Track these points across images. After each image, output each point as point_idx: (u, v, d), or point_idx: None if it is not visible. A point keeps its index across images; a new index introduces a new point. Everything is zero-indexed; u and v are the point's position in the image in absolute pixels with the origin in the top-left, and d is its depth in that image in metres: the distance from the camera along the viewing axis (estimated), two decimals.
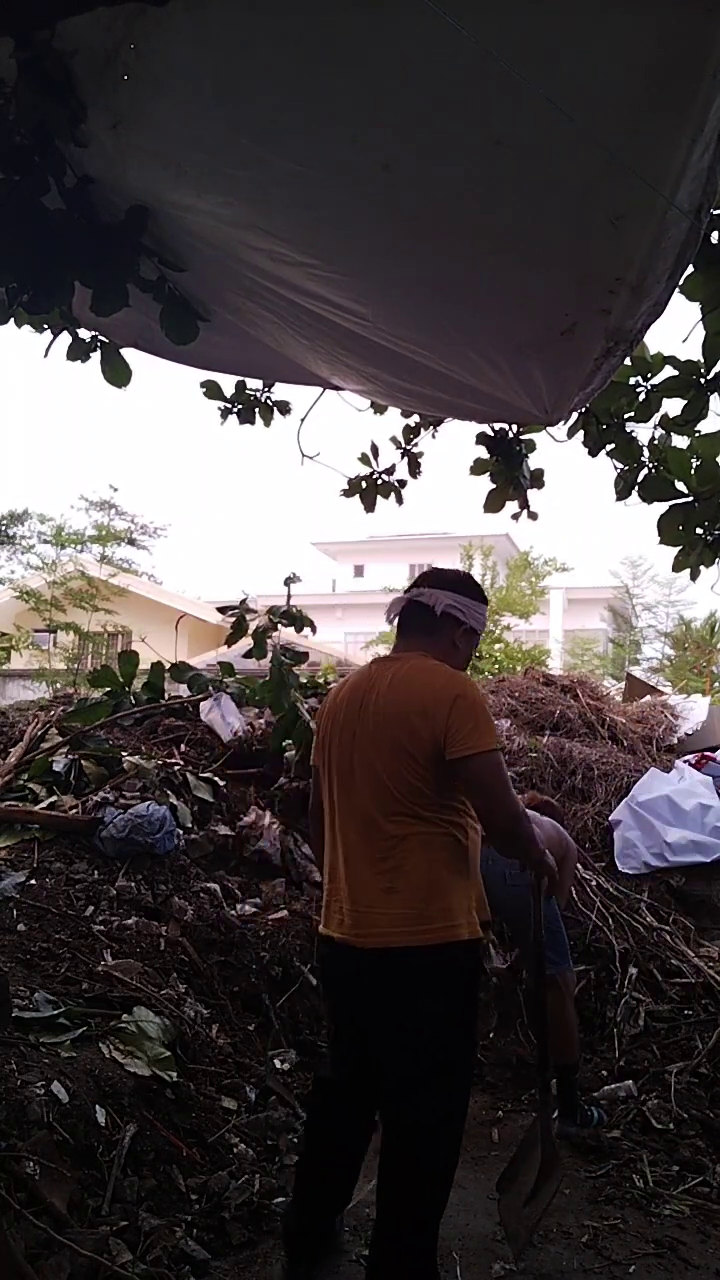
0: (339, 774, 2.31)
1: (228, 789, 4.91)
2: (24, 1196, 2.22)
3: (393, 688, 2.25)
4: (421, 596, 2.37)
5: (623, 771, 5.37)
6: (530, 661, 14.57)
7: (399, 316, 2.24)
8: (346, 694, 2.37)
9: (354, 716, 2.30)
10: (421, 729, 2.15)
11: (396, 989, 2.16)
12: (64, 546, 11.88)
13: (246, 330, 2.69)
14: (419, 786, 2.17)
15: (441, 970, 2.16)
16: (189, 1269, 2.40)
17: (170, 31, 1.61)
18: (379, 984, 2.19)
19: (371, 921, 2.18)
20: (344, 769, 2.29)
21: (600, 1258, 2.67)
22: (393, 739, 2.19)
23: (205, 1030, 3.39)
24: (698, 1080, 3.64)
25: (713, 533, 3.25)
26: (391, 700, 2.23)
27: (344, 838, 2.28)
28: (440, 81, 1.54)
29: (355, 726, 2.28)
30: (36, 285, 2.08)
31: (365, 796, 2.23)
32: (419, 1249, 2.18)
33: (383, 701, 2.25)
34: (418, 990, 2.15)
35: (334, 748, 2.33)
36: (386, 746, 2.20)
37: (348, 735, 2.29)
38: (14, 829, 4.10)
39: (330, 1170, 2.44)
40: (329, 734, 2.37)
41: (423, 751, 2.16)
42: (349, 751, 2.28)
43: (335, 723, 2.36)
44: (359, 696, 2.31)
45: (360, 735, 2.26)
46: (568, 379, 2.27)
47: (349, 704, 2.33)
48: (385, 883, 2.17)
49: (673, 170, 1.56)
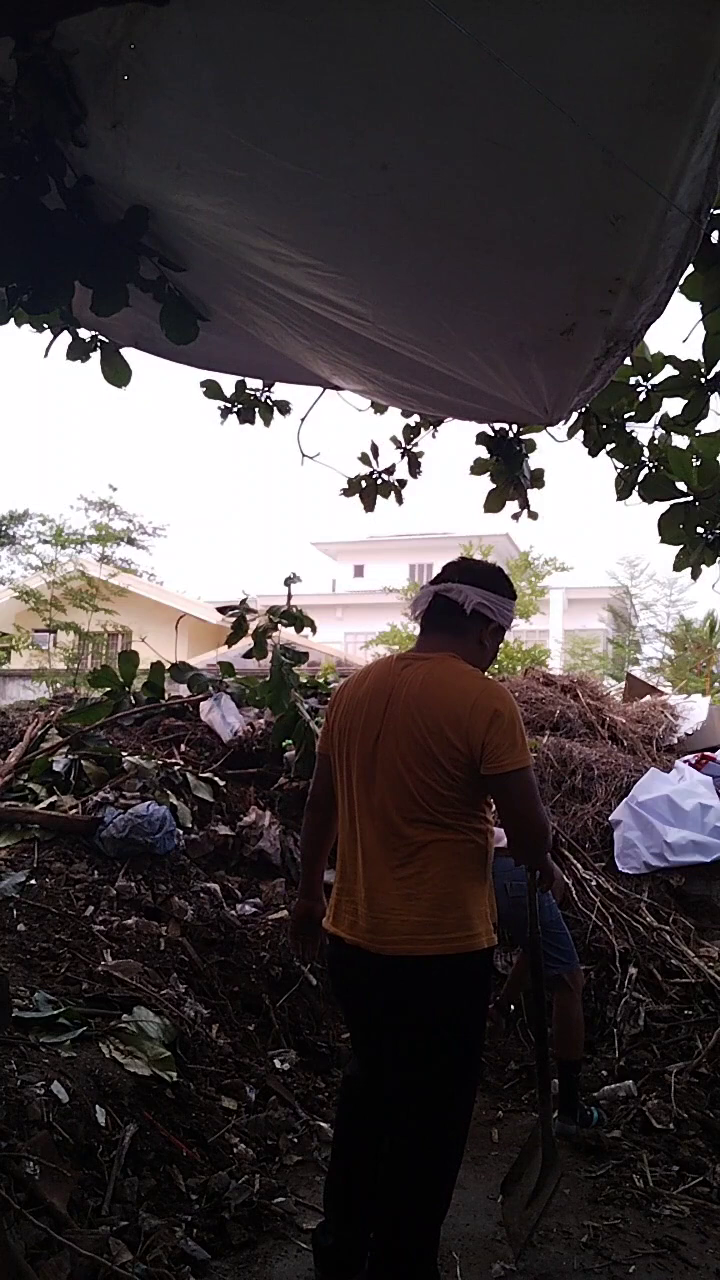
0: (359, 770, 2.24)
1: (228, 789, 4.91)
2: (24, 1196, 2.22)
3: (424, 690, 2.18)
4: (450, 592, 2.28)
5: (623, 771, 5.37)
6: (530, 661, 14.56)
7: (399, 316, 2.24)
8: (370, 688, 2.28)
9: (378, 713, 2.22)
10: (455, 740, 2.11)
11: (412, 996, 2.14)
12: (64, 547, 11.86)
13: (246, 330, 2.69)
14: (446, 795, 2.13)
15: (458, 979, 2.15)
16: (189, 1269, 2.40)
17: (170, 31, 1.61)
18: (394, 990, 2.16)
19: (390, 928, 2.13)
20: (365, 766, 2.22)
21: (600, 1258, 2.67)
22: (421, 745, 2.13)
23: (205, 1030, 3.39)
24: (698, 1080, 3.64)
25: (713, 532, 3.25)
26: (422, 704, 2.16)
27: (362, 836, 2.22)
28: (440, 82, 1.54)
29: (380, 724, 2.21)
30: (36, 285, 2.08)
31: (385, 797, 2.18)
32: (420, 1251, 2.17)
33: (412, 704, 2.17)
34: (433, 998, 2.13)
35: (354, 742, 2.26)
36: (414, 751, 2.14)
37: (371, 732, 2.22)
38: (14, 829, 4.10)
39: (364, 1176, 2.32)
40: (348, 727, 2.29)
41: (454, 762, 2.11)
42: (371, 749, 2.21)
43: (356, 716, 2.27)
44: (384, 693, 2.23)
45: (386, 735, 2.19)
46: (568, 379, 2.27)
47: (373, 699, 2.25)
48: (405, 889, 2.13)
49: (672, 170, 1.56)
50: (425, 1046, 2.15)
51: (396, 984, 2.15)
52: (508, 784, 2.11)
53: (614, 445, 3.48)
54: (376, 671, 2.34)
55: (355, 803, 2.25)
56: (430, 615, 2.33)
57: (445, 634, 2.29)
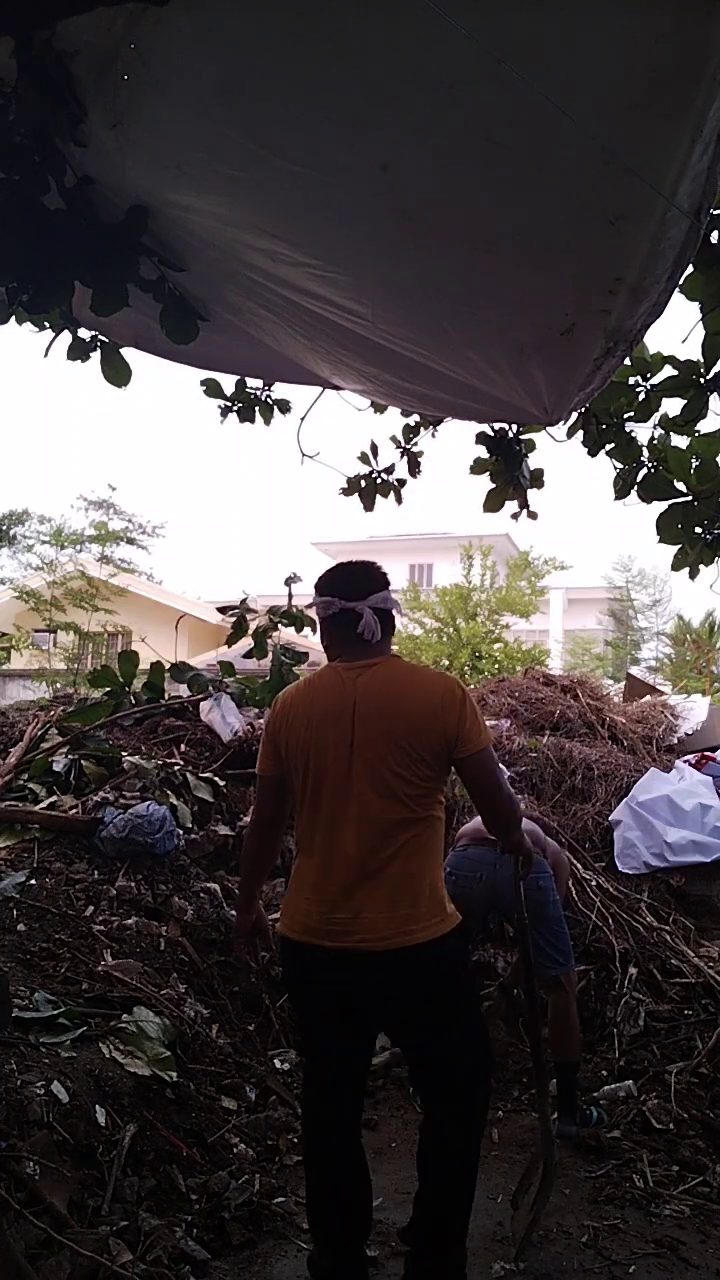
0: (333, 782, 2.26)
1: (228, 789, 4.91)
2: (24, 1196, 2.22)
3: (390, 692, 2.26)
4: (385, 603, 2.39)
5: (623, 771, 5.37)
6: (530, 661, 14.57)
7: (398, 316, 2.24)
8: (324, 704, 2.32)
9: (346, 724, 2.25)
10: (431, 732, 2.22)
11: (410, 987, 2.22)
12: (64, 547, 11.86)
13: (246, 330, 2.69)
14: (425, 787, 2.24)
15: (448, 959, 2.26)
16: (189, 1269, 2.40)
17: (170, 31, 1.61)
18: (396, 986, 2.22)
19: (376, 927, 2.18)
20: (340, 779, 2.25)
21: (600, 1258, 2.67)
22: (402, 744, 2.21)
23: (205, 1030, 3.40)
24: (698, 1080, 3.64)
25: (712, 531, 3.25)
26: (393, 705, 2.24)
27: (342, 845, 2.24)
28: (440, 82, 1.54)
29: (351, 734, 2.25)
30: (36, 285, 2.08)
31: (369, 803, 2.22)
32: (466, 1227, 2.31)
33: (383, 707, 2.24)
34: (428, 982, 2.23)
35: (324, 757, 2.27)
36: (394, 752, 2.21)
37: (343, 743, 2.25)
38: (14, 829, 4.10)
39: (351, 1193, 2.35)
40: (308, 745, 2.30)
41: (432, 753, 2.23)
42: (346, 759, 2.24)
43: (316, 732, 2.29)
44: (345, 704, 2.27)
45: (361, 743, 2.23)
46: (567, 379, 2.27)
47: (333, 713, 2.28)
48: (390, 885, 2.20)
49: (672, 170, 1.56)
50: (440, 1021, 2.27)
51: (397, 978, 2.21)
52: (481, 762, 2.28)
53: (613, 445, 3.48)
54: (322, 687, 2.37)
55: (330, 814, 2.27)
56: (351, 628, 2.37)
57: (380, 641, 2.38)
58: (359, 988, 2.25)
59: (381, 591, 2.41)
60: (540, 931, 3.27)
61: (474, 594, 17.74)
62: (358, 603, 2.36)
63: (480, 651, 16.47)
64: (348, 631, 2.37)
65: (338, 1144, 2.34)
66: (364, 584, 2.41)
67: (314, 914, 2.26)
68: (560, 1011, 3.36)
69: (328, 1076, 2.35)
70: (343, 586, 2.41)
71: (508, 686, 6.48)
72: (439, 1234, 2.28)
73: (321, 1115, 2.36)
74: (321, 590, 2.44)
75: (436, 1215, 2.28)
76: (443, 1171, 2.29)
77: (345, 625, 2.37)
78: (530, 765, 5.33)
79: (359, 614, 2.35)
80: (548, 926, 3.30)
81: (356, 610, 2.35)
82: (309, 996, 2.37)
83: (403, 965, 2.19)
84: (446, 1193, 2.28)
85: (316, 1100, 2.38)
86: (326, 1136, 2.35)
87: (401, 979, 2.21)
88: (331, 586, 2.42)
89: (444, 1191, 2.29)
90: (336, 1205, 2.33)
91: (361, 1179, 2.36)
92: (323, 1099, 2.36)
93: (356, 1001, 2.28)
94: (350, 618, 2.36)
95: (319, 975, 2.30)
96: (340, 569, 2.50)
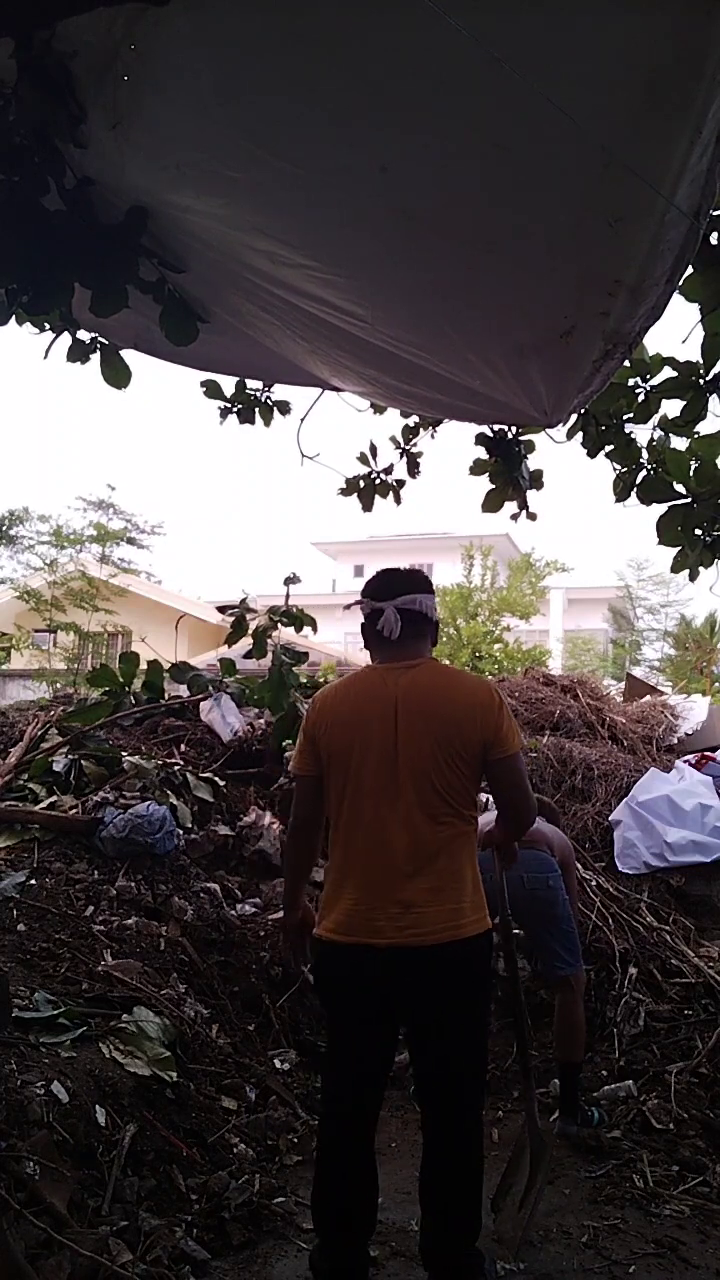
0: (378, 781, 2.30)
1: (228, 789, 4.91)
2: (24, 1196, 2.22)
3: (432, 694, 2.33)
4: (414, 604, 2.43)
5: (623, 771, 5.37)
6: (530, 662, 14.57)
7: (398, 318, 2.24)
8: (363, 704, 2.37)
9: (388, 725, 2.30)
10: (471, 733, 2.29)
11: (452, 983, 2.28)
12: (64, 547, 11.86)
13: (246, 331, 2.69)
14: (464, 787, 2.32)
15: (482, 957, 2.34)
16: (189, 1269, 2.40)
17: (170, 31, 1.61)
18: (439, 981, 2.27)
19: (428, 921, 2.24)
20: (384, 777, 2.29)
21: (600, 1258, 2.67)
22: (444, 744, 2.28)
23: (205, 1030, 3.40)
24: (698, 1080, 3.63)
25: (711, 533, 3.25)
26: (436, 706, 2.31)
27: (385, 845, 2.28)
28: (440, 83, 1.54)
29: (393, 734, 2.29)
30: (36, 286, 2.08)
31: (412, 802, 2.27)
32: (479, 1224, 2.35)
33: (426, 708, 2.30)
34: (468, 980, 2.31)
35: (366, 757, 2.31)
36: (438, 752, 2.27)
37: (385, 744, 2.29)
38: (14, 829, 4.10)
39: (362, 1193, 2.36)
40: (349, 744, 2.34)
41: (471, 754, 2.30)
42: (389, 760, 2.29)
43: (358, 732, 2.34)
44: (387, 705, 2.32)
45: (405, 743, 2.28)
46: (567, 381, 2.27)
47: (372, 713, 2.33)
48: (433, 882, 2.26)
49: (671, 172, 1.56)
50: (468, 1026, 2.33)
51: (437, 973, 2.26)
52: (513, 765, 2.35)
53: (613, 447, 3.48)
54: (361, 687, 2.43)
55: (375, 813, 2.30)
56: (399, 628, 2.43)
57: (418, 642, 2.44)
58: (401, 984, 2.28)
59: (412, 594, 2.45)
60: (551, 933, 3.27)
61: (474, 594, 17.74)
62: (384, 603, 2.43)
63: (480, 651, 16.47)
64: (380, 633, 2.43)
65: (355, 1141, 2.36)
66: (395, 586, 2.47)
67: (360, 913, 2.28)
68: (566, 1011, 3.36)
69: (356, 1072, 2.38)
70: (376, 589, 2.49)
71: (508, 686, 6.49)
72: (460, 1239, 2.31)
73: (343, 1111, 2.38)
74: (362, 594, 2.51)
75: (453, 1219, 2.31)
76: (459, 1173, 2.31)
77: (379, 626, 2.43)
78: (530, 765, 5.34)
79: (383, 613, 2.41)
80: (558, 927, 3.30)
81: (383, 610, 2.42)
82: (348, 997, 2.37)
83: (449, 960, 2.25)
84: (463, 1195, 2.31)
85: (340, 1096, 2.40)
86: (345, 1133, 2.36)
87: (445, 973, 2.27)
88: (369, 590, 2.50)
89: (460, 1194, 2.31)
90: (345, 1202, 2.35)
91: (371, 1179, 2.38)
92: (347, 1096, 2.38)
93: (395, 999, 2.31)
94: (381, 619, 2.42)
95: (363, 974, 2.31)
96: (380, 574, 2.56)
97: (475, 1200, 2.34)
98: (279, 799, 4.99)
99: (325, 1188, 2.35)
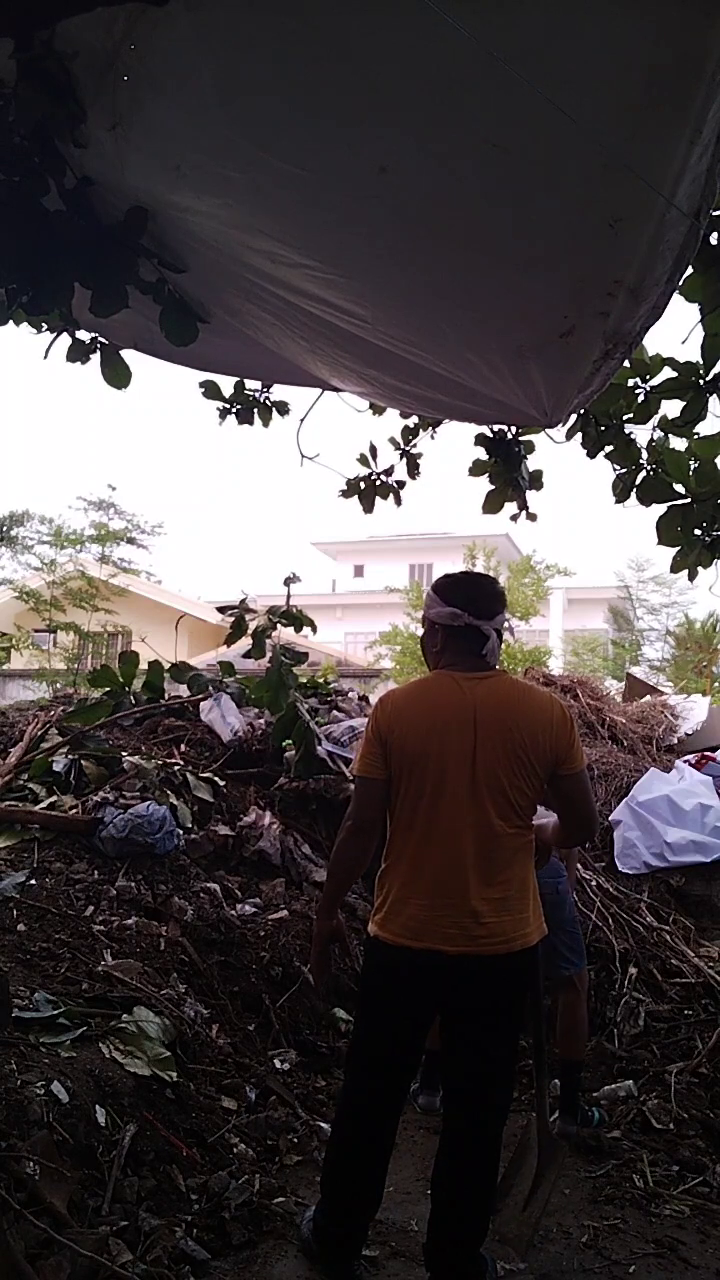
0: (455, 786, 2.30)
1: (228, 789, 4.91)
2: (24, 1196, 2.22)
3: (508, 705, 2.34)
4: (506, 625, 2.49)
5: (623, 771, 5.37)
6: (531, 662, 14.57)
7: (398, 318, 2.24)
8: (440, 710, 2.34)
9: (467, 733, 2.30)
10: (545, 745, 2.32)
11: (508, 987, 2.35)
12: (64, 547, 11.85)
13: (245, 331, 2.69)
14: (531, 798, 2.36)
15: (536, 963, 2.43)
16: (189, 1269, 2.40)
17: (170, 31, 1.61)
18: (500, 987, 2.33)
19: (497, 931, 2.29)
20: (460, 786, 2.30)
21: (600, 1258, 2.68)
22: (519, 754, 2.30)
23: (205, 1030, 3.40)
24: (698, 1080, 3.64)
25: (711, 533, 3.25)
26: (512, 717, 2.32)
27: (457, 853, 2.29)
28: (439, 83, 1.54)
29: (471, 743, 2.29)
30: (36, 286, 2.08)
31: (488, 810, 2.29)
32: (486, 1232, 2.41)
33: (503, 717, 2.31)
34: (520, 985, 2.38)
35: (444, 761, 2.30)
36: (513, 761, 2.30)
37: (464, 752, 2.29)
38: (14, 829, 4.10)
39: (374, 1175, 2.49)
40: (424, 749, 2.32)
41: (544, 766, 2.33)
42: (466, 768, 2.29)
43: (435, 736, 2.32)
44: (465, 712, 2.31)
45: (481, 752, 2.29)
46: (566, 381, 2.27)
47: (451, 720, 2.31)
48: (503, 892, 2.31)
49: (671, 172, 1.56)
50: (508, 1032, 2.40)
51: (500, 979, 2.32)
52: (581, 780, 2.40)
53: (613, 447, 3.48)
54: (437, 693, 2.39)
55: (449, 821, 2.30)
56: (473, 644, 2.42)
57: (492, 654, 2.44)
58: (460, 988, 2.32)
59: (504, 613, 2.48)
60: (557, 935, 3.29)
61: None
62: (485, 623, 2.40)
63: None
64: (468, 646, 2.41)
65: (381, 1124, 2.46)
66: (494, 604, 2.45)
67: (432, 919, 2.30)
68: (570, 1010, 3.40)
69: (393, 1057, 2.45)
70: (474, 603, 2.42)
71: None
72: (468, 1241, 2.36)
73: (374, 1091, 2.46)
74: (449, 600, 2.44)
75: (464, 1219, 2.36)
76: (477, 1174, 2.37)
77: (468, 640, 2.41)
78: None
79: (485, 635, 2.40)
80: (564, 929, 3.35)
81: (483, 631, 2.40)
82: (403, 995, 2.39)
83: (511, 968, 2.32)
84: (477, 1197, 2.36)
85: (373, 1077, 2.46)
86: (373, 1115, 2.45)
87: (505, 979, 2.33)
88: (464, 600, 2.42)
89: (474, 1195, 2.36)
90: (361, 1185, 2.46)
91: (387, 1157, 2.49)
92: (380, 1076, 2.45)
93: (450, 1000, 2.36)
94: (474, 635, 2.40)
95: (426, 977, 2.33)
96: (470, 582, 2.53)
97: (487, 1203, 2.39)
98: (279, 799, 4.99)
99: (349, 1165, 2.47)
